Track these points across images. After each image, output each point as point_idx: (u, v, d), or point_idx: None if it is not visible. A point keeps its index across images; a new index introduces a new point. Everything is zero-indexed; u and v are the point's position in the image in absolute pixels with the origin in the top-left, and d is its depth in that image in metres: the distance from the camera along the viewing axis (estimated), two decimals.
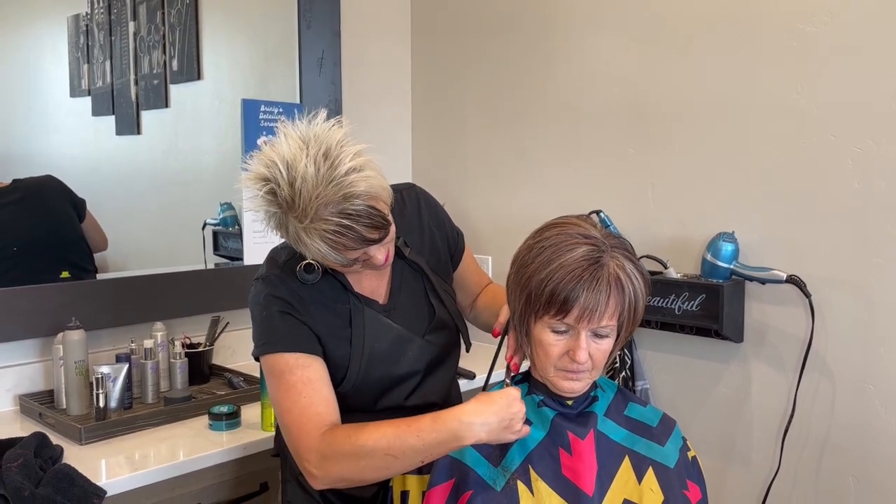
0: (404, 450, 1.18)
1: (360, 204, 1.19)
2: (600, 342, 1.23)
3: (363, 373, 1.36)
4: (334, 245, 1.20)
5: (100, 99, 2.23)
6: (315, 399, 1.27)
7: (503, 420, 1.17)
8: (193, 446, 1.62)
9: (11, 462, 1.38)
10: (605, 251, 1.20)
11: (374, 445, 1.19)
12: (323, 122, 1.23)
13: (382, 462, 1.20)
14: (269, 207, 1.22)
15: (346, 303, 1.37)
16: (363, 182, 1.19)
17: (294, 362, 1.29)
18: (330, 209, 1.18)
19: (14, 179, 1.99)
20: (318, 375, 1.30)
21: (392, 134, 2.72)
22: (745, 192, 1.97)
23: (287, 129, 1.22)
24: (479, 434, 1.17)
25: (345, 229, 1.19)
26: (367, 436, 1.20)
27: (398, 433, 1.19)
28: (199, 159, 2.37)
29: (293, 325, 1.31)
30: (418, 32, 2.73)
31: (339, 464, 1.22)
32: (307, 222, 1.18)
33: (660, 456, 1.29)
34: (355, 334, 1.36)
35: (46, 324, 1.86)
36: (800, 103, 1.86)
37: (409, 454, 1.18)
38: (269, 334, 1.31)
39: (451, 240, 1.56)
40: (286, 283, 1.33)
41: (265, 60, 2.47)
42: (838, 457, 1.87)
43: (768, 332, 1.96)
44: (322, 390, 1.29)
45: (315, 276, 1.33)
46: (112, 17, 2.23)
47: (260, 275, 1.37)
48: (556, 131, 2.35)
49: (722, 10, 1.97)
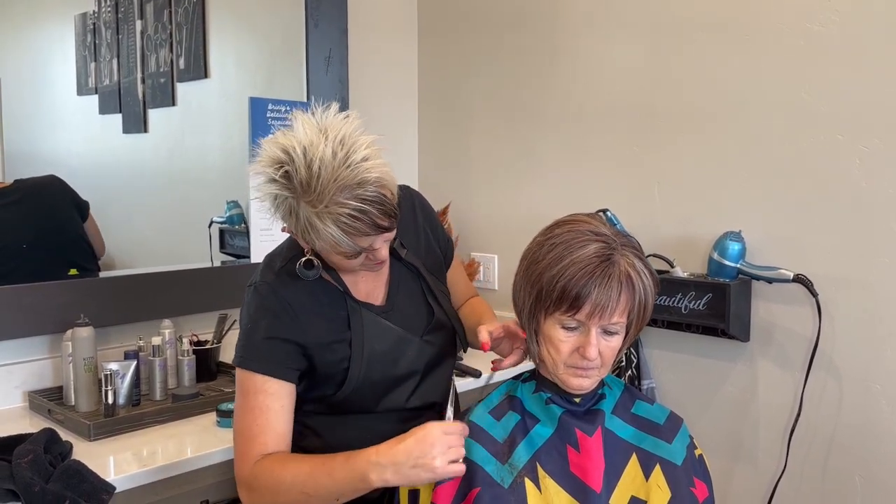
0: (317, 488, 1.21)
1: (373, 190, 1.20)
2: (610, 339, 1.23)
3: (363, 375, 1.36)
4: (348, 230, 1.21)
5: (107, 97, 2.24)
6: (265, 428, 1.28)
7: (410, 458, 1.15)
8: (201, 443, 1.63)
9: (22, 458, 1.39)
10: (616, 249, 1.20)
11: (292, 481, 1.22)
12: (336, 114, 1.26)
13: (297, 499, 1.22)
14: (282, 192, 1.22)
15: (343, 307, 1.36)
16: (376, 170, 1.21)
17: (260, 386, 1.29)
18: (345, 194, 1.19)
19: (16, 179, 1.98)
20: (278, 405, 1.30)
21: (398, 132, 2.73)
22: (751, 191, 1.97)
23: (303, 118, 1.24)
24: (384, 475, 1.15)
25: (360, 213, 1.20)
26: (286, 471, 1.23)
27: (312, 472, 1.21)
28: (205, 157, 2.38)
29: (274, 347, 1.31)
30: (425, 31, 2.73)
31: (260, 496, 1.26)
32: (321, 207, 1.19)
33: (667, 453, 1.29)
34: (355, 337, 1.35)
35: (55, 321, 1.86)
36: (807, 102, 1.86)
37: (321, 493, 1.21)
38: (247, 350, 1.32)
39: (442, 245, 1.55)
40: (278, 293, 1.32)
41: (272, 58, 2.48)
42: (845, 456, 1.87)
43: (775, 332, 1.96)
44: (274, 422, 1.29)
45: (315, 272, 1.33)
46: (119, 15, 2.24)
47: (253, 282, 1.36)
48: (563, 130, 2.35)
49: (729, 9, 1.97)
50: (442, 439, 1.16)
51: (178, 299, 2.09)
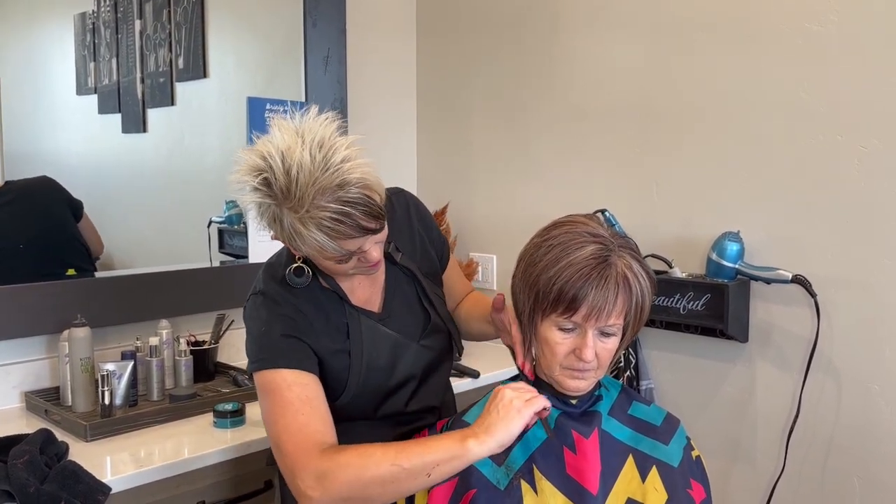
0: (411, 458, 1.15)
1: (355, 191, 1.18)
2: (606, 341, 1.23)
3: (362, 383, 1.35)
4: (331, 234, 1.19)
5: (106, 97, 2.24)
6: (314, 417, 1.24)
7: (499, 418, 1.16)
8: (198, 444, 1.62)
9: (17, 458, 1.39)
10: (613, 250, 1.20)
11: (382, 455, 1.16)
12: (316, 116, 1.23)
13: (391, 471, 1.15)
14: (264, 199, 1.20)
15: (343, 315, 1.36)
16: (357, 170, 1.19)
17: (293, 379, 1.26)
18: (326, 197, 1.17)
19: (7, 181, 1.97)
20: (316, 394, 1.27)
21: (397, 132, 2.72)
22: (750, 192, 1.97)
23: (281, 123, 1.22)
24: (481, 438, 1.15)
25: (342, 216, 1.18)
26: (371, 450, 1.17)
27: (403, 446, 1.17)
28: (204, 157, 2.38)
29: (293, 344, 1.29)
30: (424, 31, 2.73)
31: (340, 483, 1.16)
32: (303, 212, 1.17)
33: (664, 455, 1.28)
34: (354, 346, 1.35)
35: (52, 321, 1.86)
36: (806, 102, 1.86)
37: (415, 462, 1.15)
38: (268, 350, 1.29)
39: (437, 247, 1.54)
40: (288, 300, 1.32)
41: (271, 58, 2.48)
42: (843, 457, 1.87)
43: (773, 332, 1.96)
44: (321, 409, 1.26)
45: (305, 279, 1.31)
46: (118, 15, 2.24)
47: (259, 290, 1.34)
48: (561, 130, 2.35)
49: (728, 9, 1.97)
50: (517, 395, 1.18)
51: (175, 299, 2.08)
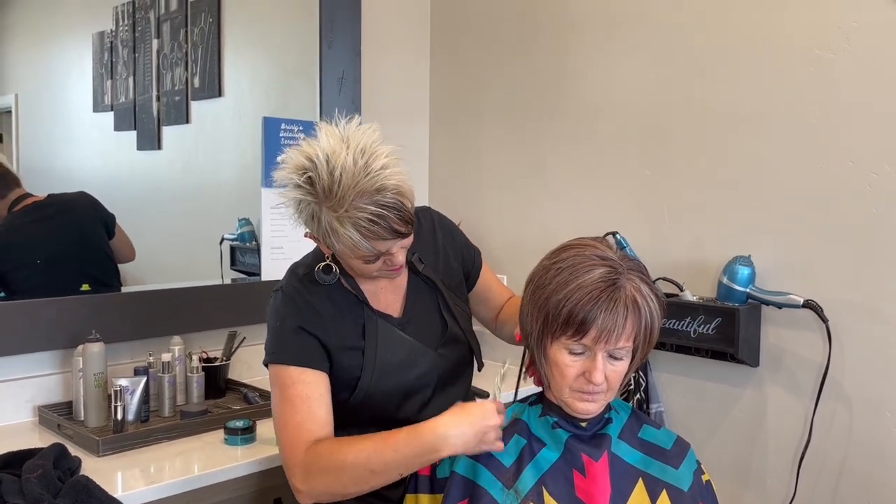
0: (383, 464, 1.25)
1: (391, 196, 1.27)
2: (616, 364, 1.23)
3: (374, 383, 1.40)
4: (366, 234, 1.27)
5: (122, 114, 2.27)
6: (308, 416, 1.33)
7: (478, 432, 1.23)
8: (208, 460, 1.63)
9: (31, 473, 1.39)
10: (622, 273, 1.21)
11: (354, 460, 1.26)
12: (359, 125, 1.33)
13: (362, 476, 1.26)
14: (305, 196, 1.29)
15: (360, 316, 1.43)
16: (395, 177, 1.28)
17: (297, 377, 1.36)
18: (364, 199, 1.26)
19: (49, 194, 2.02)
20: (317, 393, 1.36)
21: (410, 152, 2.72)
22: (761, 216, 1.97)
23: (328, 128, 1.32)
24: (454, 445, 1.22)
25: (378, 218, 1.26)
26: (346, 451, 1.27)
27: (376, 448, 1.26)
28: (218, 175, 2.40)
29: (303, 340, 1.37)
30: (437, 52, 2.75)
31: (321, 478, 1.29)
32: (342, 211, 1.26)
33: (674, 479, 1.28)
34: (368, 346, 1.41)
35: (67, 336, 1.88)
36: (817, 128, 1.86)
37: (388, 468, 1.25)
38: (279, 345, 1.39)
39: (466, 259, 1.60)
40: (304, 297, 1.40)
41: (285, 78, 2.50)
42: (855, 483, 1.85)
43: (785, 357, 1.95)
44: (316, 409, 1.35)
45: (332, 276, 1.40)
46: (136, 34, 2.27)
47: (280, 286, 1.44)
48: (573, 151, 2.36)
49: (739, 35, 1.98)
50: (497, 417, 1.25)
51: (188, 316, 2.10)
